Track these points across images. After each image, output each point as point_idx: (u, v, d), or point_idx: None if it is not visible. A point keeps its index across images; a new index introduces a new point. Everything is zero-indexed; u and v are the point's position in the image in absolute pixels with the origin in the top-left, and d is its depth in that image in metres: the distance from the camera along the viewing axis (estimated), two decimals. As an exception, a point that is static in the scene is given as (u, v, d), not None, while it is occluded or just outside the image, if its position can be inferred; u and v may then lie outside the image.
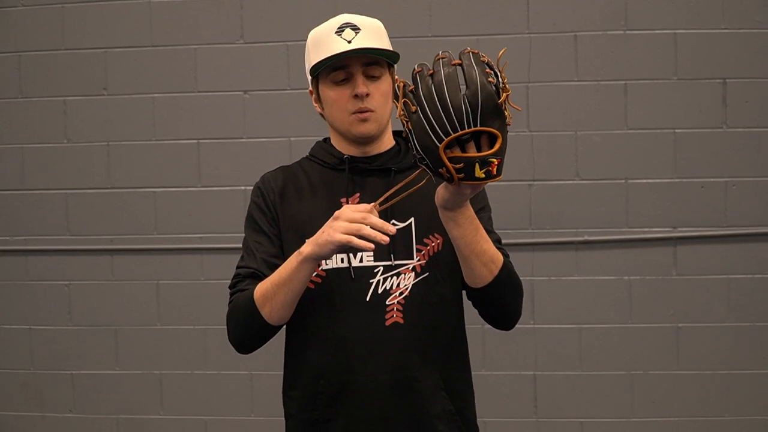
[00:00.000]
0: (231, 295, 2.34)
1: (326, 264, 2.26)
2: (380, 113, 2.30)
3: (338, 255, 2.25)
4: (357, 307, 2.26)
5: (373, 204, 2.13)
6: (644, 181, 4.36)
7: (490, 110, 1.88)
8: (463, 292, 2.36)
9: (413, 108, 1.92)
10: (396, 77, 2.23)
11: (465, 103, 1.87)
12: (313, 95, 2.38)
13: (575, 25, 4.37)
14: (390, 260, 2.27)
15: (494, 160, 1.89)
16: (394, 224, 2.26)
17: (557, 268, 4.41)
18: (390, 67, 2.35)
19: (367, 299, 2.26)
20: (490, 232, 2.27)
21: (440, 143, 1.89)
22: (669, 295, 4.37)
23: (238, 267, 2.35)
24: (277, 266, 2.25)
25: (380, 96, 2.29)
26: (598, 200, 4.37)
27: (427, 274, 2.29)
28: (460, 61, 1.93)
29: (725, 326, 4.36)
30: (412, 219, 2.29)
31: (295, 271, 2.16)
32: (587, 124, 4.37)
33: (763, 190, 4.33)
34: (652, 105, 4.35)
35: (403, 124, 1.97)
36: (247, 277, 2.31)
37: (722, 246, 4.35)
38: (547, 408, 4.45)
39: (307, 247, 2.14)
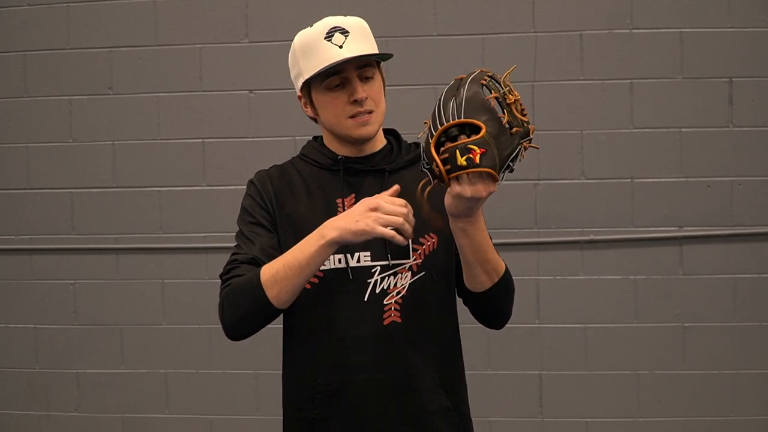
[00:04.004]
0: (226, 279, 2.29)
1: (324, 264, 2.25)
2: (379, 112, 2.31)
3: (336, 255, 2.26)
4: (355, 307, 2.27)
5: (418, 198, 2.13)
6: (650, 180, 4.36)
7: (474, 106, 1.98)
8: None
9: (425, 129, 2.06)
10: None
11: (453, 105, 1.99)
12: (302, 100, 2.38)
13: (581, 24, 4.36)
14: (387, 260, 2.28)
15: (475, 147, 1.96)
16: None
17: (562, 267, 4.41)
18: (378, 64, 2.34)
19: (365, 299, 2.27)
20: None
21: (431, 140, 2.00)
22: (675, 295, 4.36)
23: (233, 254, 2.31)
24: (275, 257, 2.24)
25: (376, 95, 2.30)
26: (603, 199, 4.37)
27: (423, 273, 2.30)
28: (463, 76, 2.05)
29: (731, 326, 4.35)
30: None
31: (316, 254, 2.13)
32: (593, 123, 4.37)
33: (769, 190, 4.33)
34: (658, 104, 4.34)
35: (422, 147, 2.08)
36: (244, 262, 2.27)
37: (728, 245, 4.34)
38: (553, 407, 4.45)
39: (332, 232, 2.11)
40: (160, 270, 4.60)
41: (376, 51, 2.30)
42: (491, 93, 2.01)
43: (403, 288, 2.28)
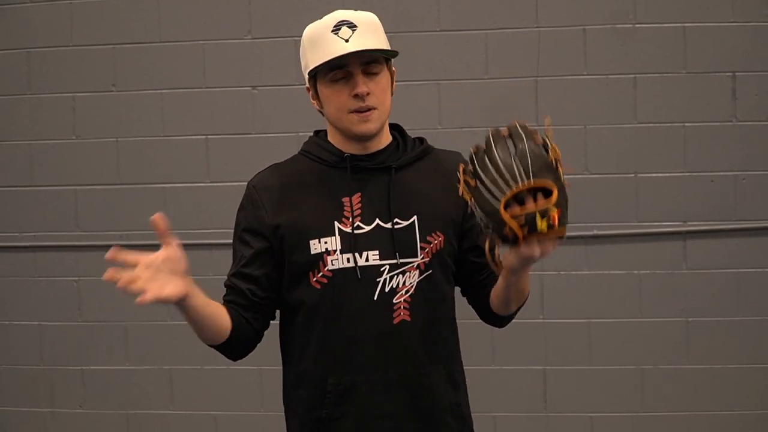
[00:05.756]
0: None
1: (332, 264, 2.26)
2: (381, 110, 2.29)
3: (344, 255, 2.26)
4: (365, 307, 2.27)
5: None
6: (654, 175, 4.35)
7: (540, 166, 1.99)
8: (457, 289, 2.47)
9: (473, 183, 2.02)
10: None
11: (516, 163, 1.97)
12: (310, 92, 2.36)
13: (584, 19, 4.36)
14: (395, 258, 2.28)
15: (554, 210, 1.97)
16: (397, 223, 2.29)
17: (566, 262, 4.41)
18: (388, 60, 2.33)
19: (375, 298, 2.27)
20: None
21: (499, 204, 1.98)
22: (679, 290, 4.36)
23: (228, 274, 2.39)
24: (246, 277, 2.32)
25: (380, 92, 2.28)
26: (607, 194, 4.37)
27: (430, 271, 2.31)
28: (508, 132, 2.03)
29: (735, 320, 4.35)
30: (415, 217, 2.30)
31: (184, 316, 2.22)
32: (596, 119, 4.37)
33: (773, 184, 4.32)
34: (662, 99, 4.34)
35: (468, 202, 2.06)
36: (228, 287, 2.37)
37: (732, 240, 4.34)
38: (557, 403, 4.45)
39: None
40: (165, 267, 4.59)
41: (383, 48, 2.28)
42: (548, 153, 2.01)
43: (412, 286, 2.29)
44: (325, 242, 2.26)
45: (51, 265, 4.67)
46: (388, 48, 2.30)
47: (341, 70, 2.25)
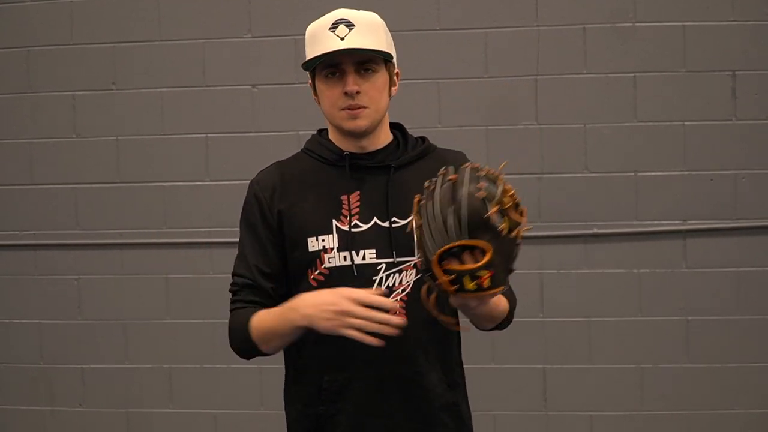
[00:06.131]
0: (232, 302, 2.38)
1: (329, 262, 2.28)
2: (374, 108, 2.30)
3: (341, 253, 2.27)
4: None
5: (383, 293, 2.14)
6: (653, 173, 4.35)
7: (477, 224, 1.93)
8: None
9: (419, 222, 2.00)
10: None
11: (453, 218, 1.93)
12: (312, 88, 2.38)
13: (584, 17, 4.36)
14: (392, 257, 2.28)
15: (484, 272, 1.93)
16: (394, 222, 2.30)
17: (566, 261, 4.40)
18: (387, 61, 2.33)
19: None
20: None
21: (433, 255, 1.96)
22: (679, 288, 4.36)
23: (234, 273, 2.38)
24: (267, 275, 2.31)
25: (374, 91, 2.29)
26: (607, 193, 4.37)
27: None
28: (455, 177, 1.98)
29: (735, 319, 4.35)
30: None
31: (291, 333, 2.22)
32: (596, 117, 4.37)
33: (772, 183, 4.32)
34: (662, 97, 4.34)
35: (414, 236, 2.05)
36: (243, 287, 2.35)
37: (732, 238, 4.33)
38: (557, 402, 4.45)
39: (303, 321, 2.16)
40: (164, 265, 4.61)
41: (380, 48, 2.29)
42: (489, 206, 1.93)
43: (408, 285, 2.29)
44: (323, 240, 2.28)
45: (51, 263, 4.67)
46: (385, 50, 2.30)
47: (334, 67, 2.27)
